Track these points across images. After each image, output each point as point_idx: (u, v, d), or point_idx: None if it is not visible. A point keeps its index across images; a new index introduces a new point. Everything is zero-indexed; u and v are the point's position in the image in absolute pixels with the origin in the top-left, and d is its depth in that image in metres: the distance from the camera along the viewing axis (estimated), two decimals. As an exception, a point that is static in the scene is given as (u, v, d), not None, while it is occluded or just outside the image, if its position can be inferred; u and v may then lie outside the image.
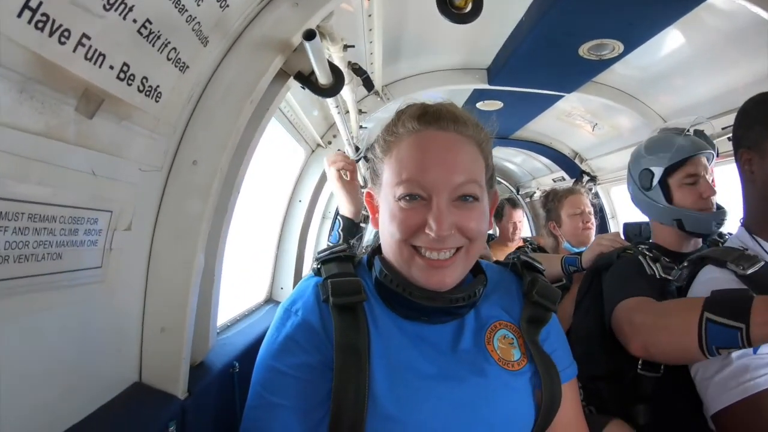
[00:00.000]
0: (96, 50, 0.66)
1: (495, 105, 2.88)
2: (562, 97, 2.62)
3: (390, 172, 0.93)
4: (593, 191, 3.28)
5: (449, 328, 0.97)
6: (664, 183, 1.65)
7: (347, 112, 1.75)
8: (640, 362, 1.32)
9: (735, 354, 1.06)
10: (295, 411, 0.87)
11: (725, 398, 1.05)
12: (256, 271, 2.24)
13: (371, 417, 0.83)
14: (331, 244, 1.38)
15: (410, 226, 0.88)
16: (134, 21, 0.70)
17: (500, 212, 4.59)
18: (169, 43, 0.79)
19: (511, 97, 2.70)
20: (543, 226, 2.71)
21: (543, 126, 3.51)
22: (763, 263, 1.12)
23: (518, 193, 5.56)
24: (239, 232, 2.22)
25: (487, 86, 2.48)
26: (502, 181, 5.70)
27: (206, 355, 1.12)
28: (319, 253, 1.04)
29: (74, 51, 0.62)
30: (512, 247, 3.45)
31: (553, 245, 2.69)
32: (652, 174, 1.66)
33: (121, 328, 0.90)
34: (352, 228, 1.44)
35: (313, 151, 2.39)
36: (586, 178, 3.68)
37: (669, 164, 1.62)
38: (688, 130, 1.68)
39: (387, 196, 0.93)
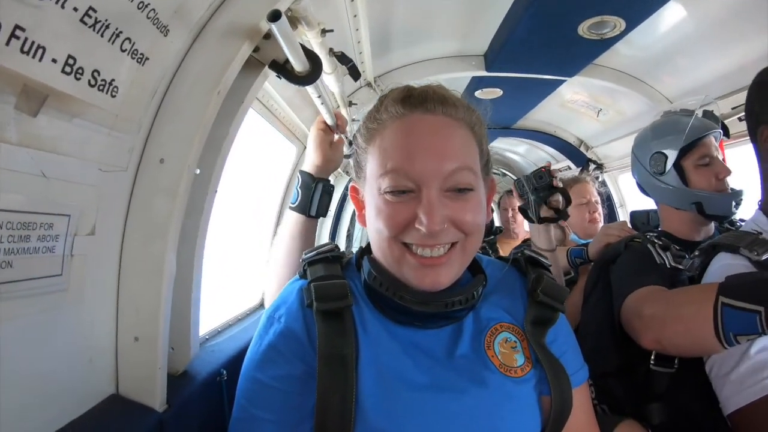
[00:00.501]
0: (33, 42, 0.60)
1: (494, 93, 2.82)
2: (563, 81, 2.55)
3: (374, 163, 0.84)
4: (600, 179, 3.21)
5: (445, 332, 0.89)
6: (678, 166, 1.58)
7: (336, 107, 1.70)
8: (652, 357, 1.25)
9: (753, 349, 0.99)
10: (278, 425, 0.81)
11: (742, 397, 0.98)
12: (249, 274, 2.20)
13: (359, 430, 0.77)
14: (291, 205, 1.32)
15: (398, 222, 0.80)
16: (75, 9, 0.64)
17: (499, 203, 4.54)
18: (120, 32, 0.74)
19: (511, 84, 2.63)
20: None
21: (546, 114, 3.44)
22: None
23: (524, 184, 5.48)
24: (230, 235, 2.20)
25: (484, 73, 2.40)
26: (507, 172, 5.63)
27: (189, 364, 1.07)
28: (306, 253, 0.97)
29: (7, 44, 0.57)
30: (519, 240, 3.39)
31: (561, 237, 2.64)
32: (666, 157, 1.59)
33: (92, 338, 0.85)
34: (309, 183, 1.33)
35: (305, 147, 2.29)
36: (592, 166, 3.61)
37: (684, 145, 1.55)
38: (695, 112, 1.61)
39: (372, 190, 0.85)
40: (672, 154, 1.58)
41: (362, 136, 0.90)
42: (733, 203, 1.50)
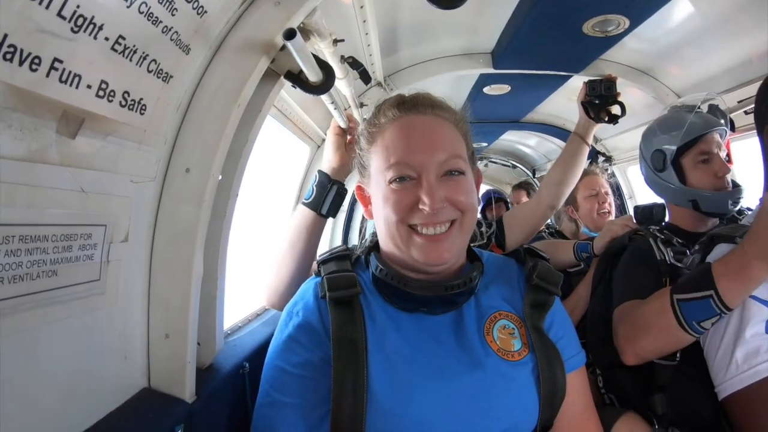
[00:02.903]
0: (70, 72, 0.66)
1: (502, 89, 2.83)
2: (570, 77, 2.55)
3: (378, 160, 0.97)
4: (609, 171, 3.20)
5: (448, 319, 0.98)
6: (677, 163, 1.60)
7: (347, 108, 1.74)
8: None
9: (749, 333, 1.05)
10: (298, 408, 0.90)
11: (736, 382, 1.04)
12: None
13: (371, 412, 0.85)
14: (305, 201, 1.40)
15: (404, 206, 0.92)
16: (106, 39, 0.71)
17: (506, 200, 4.53)
18: (147, 55, 0.80)
19: (518, 80, 2.65)
20: (562, 212, 2.66)
21: (555, 107, 3.43)
22: None
23: (534, 176, 5.48)
24: (251, 235, 2.26)
25: (492, 70, 2.42)
26: (518, 164, 5.62)
27: (215, 358, 1.13)
28: (320, 255, 1.08)
29: (47, 76, 0.63)
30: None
31: (573, 230, 2.64)
32: (665, 154, 1.62)
33: (126, 336, 0.92)
34: (325, 183, 1.39)
35: (318, 146, 2.37)
36: (601, 158, 3.60)
37: (681, 144, 1.57)
38: (699, 107, 1.63)
39: (378, 182, 0.97)
40: (670, 152, 1.60)
41: (365, 139, 1.03)
42: (730, 201, 1.52)
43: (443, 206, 0.91)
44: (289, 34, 0.90)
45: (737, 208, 1.57)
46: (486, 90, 2.85)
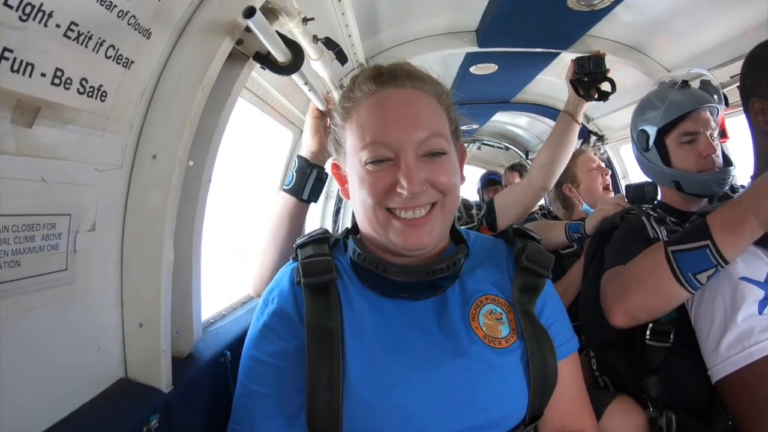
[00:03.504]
0: (22, 61, 0.65)
1: (489, 68, 2.79)
2: (558, 54, 2.51)
3: (353, 138, 0.91)
4: (602, 151, 3.18)
5: (430, 304, 0.94)
6: (660, 143, 1.57)
7: (329, 92, 1.71)
8: (648, 332, 1.28)
9: (740, 316, 1.01)
10: (275, 399, 0.88)
11: (729, 364, 1.01)
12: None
13: (347, 402, 0.82)
14: (285, 187, 1.38)
15: (381, 189, 0.87)
16: (57, 26, 0.68)
17: (499, 182, 4.51)
18: (104, 41, 0.78)
19: (505, 59, 2.61)
20: (554, 196, 2.58)
21: (545, 87, 3.40)
22: None
23: (527, 158, 5.45)
24: (232, 223, 2.24)
25: (477, 49, 2.39)
26: (510, 146, 5.59)
27: (194, 347, 1.12)
28: (299, 238, 1.04)
29: (-3, 66, 0.61)
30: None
31: (565, 216, 2.60)
32: (648, 134, 1.59)
33: (100, 327, 0.91)
34: (305, 168, 1.37)
35: (301, 131, 2.32)
36: (593, 138, 3.57)
37: (662, 124, 1.54)
38: (682, 84, 1.58)
39: (353, 162, 0.91)
40: (652, 132, 1.58)
41: (339, 114, 0.97)
42: (715, 184, 1.49)
43: (423, 189, 0.86)
44: (249, 12, 0.87)
45: (727, 186, 1.54)
46: (473, 70, 2.80)
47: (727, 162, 1.55)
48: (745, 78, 1.19)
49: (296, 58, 1.10)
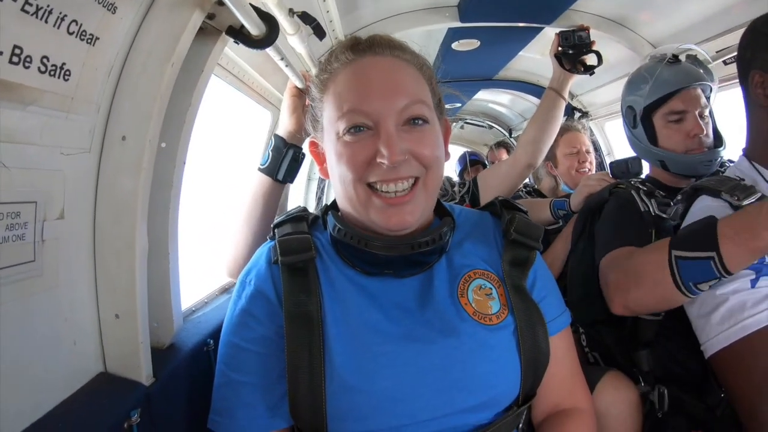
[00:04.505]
0: (-25, 38, 0.59)
1: (472, 44, 2.74)
2: (541, 29, 2.47)
3: (330, 109, 0.87)
4: (587, 128, 3.18)
5: (416, 281, 0.90)
6: (647, 121, 1.55)
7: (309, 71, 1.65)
8: None
9: (727, 289, 1.00)
10: (257, 387, 0.84)
11: (722, 338, 0.99)
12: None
13: (331, 388, 0.78)
14: (260, 167, 1.33)
15: (360, 161, 0.82)
16: (14, 0, 0.63)
17: (483, 162, 4.50)
18: (65, 16, 0.72)
19: (488, 34, 2.56)
20: (541, 169, 2.62)
21: (528, 64, 3.35)
22: (760, 195, 1.04)
23: (511, 136, 5.43)
24: (216, 208, 2.19)
25: (459, 24, 2.33)
26: (494, 125, 5.56)
27: (174, 337, 1.08)
28: (277, 217, 1.00)
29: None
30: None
31: (553, 187, 2.62)
32: (635, 111, 1.56)
33: (74, 320, 0.86)
34: (281, 148, 1.34)
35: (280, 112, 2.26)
36: (577, 114, 3.56)
37: (647, 103, 1.52)
38: (671, 59, 1.55)
39: (330, 136, 0.87)
40: (639, 110, 1.55)
41: (316, 87, 0.93)
42: (702, 165, 1.47)
43: (404, 158, 0.82)
44: (221, -18, 0.82)
45: (715, 168, 1.52)
46: (455, 46, 2.74)
47: (718, 142, 1.53)
48: (746, 49, 1.16)
49: (271, 31, 1.05)
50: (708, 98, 1.54)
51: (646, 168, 1.76)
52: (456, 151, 5.56)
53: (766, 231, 0.93)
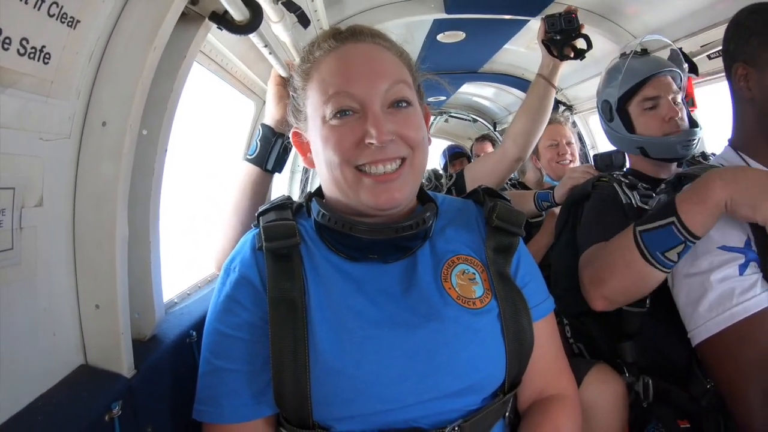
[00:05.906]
0: (-49, 20, 0.56)
1: (457, 36, 2.75)
2: (527, 22, 2.48)
3: (315, 96, 0.88)
4: (571, 121, 3.21)
5: (400, 267, 0.91)
6: (623, 112, 1.59)
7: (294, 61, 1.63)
8: None
9: (715, 277, 1.01)
10: (242, 374, 0.84)
11: (711, 325, 1.00)
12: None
13: (316, 373, 0.79)
14: (248, 157, 1.33)
15: (348, 144, 0.83)
16: (-7, -19, 0.60)
17: (468, 156, 4.52)
18: (45, -2, 0.69)
19: (473, 26, 2.57)
20: (527, 162, 2.64)
21: (513, 57, 3.38)
22: None
23: (495, 130, 5.46)
24: (201, 199, 2.16)
25: (445, 15, 2.33)
26: (478, 118, 5.58)
27: (157, 328, 1.07)
28: (261, 206, 0.99)
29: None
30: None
31: (538, 179, 2.65)
32: (610, 104, 1.61)
33: (53, 311, 0.84)
34: (269, 137, 1.32)
35: (264, 102, 2.23)
36: (561, 108, 3.59)
37: (621, 93, 1.56)
38: (639, 51, 1.61)
39: (315, 122, 0.88)
40: (614, 102, 1.59)
41: (299, 76, 0.93)
42: (680, 146, 1.50)
43: (392, 139, 0.84)
44: (205, -34, 0.80)
45: (697, 151, 1.55)
46: (440, 38, 2.75)
47: (693, 124, 1.57)
48: (729, 42, 1.18)
49: (254, 17, 1.04)
50: (679, 87, 1.59)
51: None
52: (440, 144, 5.57)
53: (717, 180, 0.97)
